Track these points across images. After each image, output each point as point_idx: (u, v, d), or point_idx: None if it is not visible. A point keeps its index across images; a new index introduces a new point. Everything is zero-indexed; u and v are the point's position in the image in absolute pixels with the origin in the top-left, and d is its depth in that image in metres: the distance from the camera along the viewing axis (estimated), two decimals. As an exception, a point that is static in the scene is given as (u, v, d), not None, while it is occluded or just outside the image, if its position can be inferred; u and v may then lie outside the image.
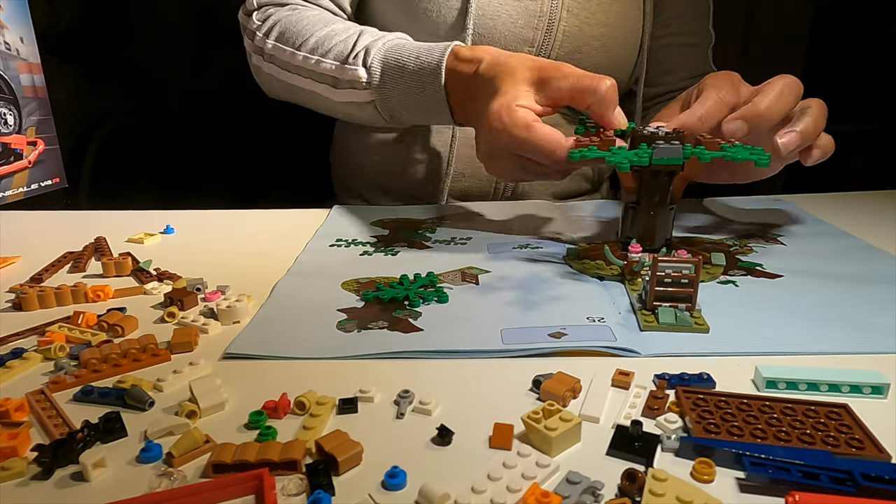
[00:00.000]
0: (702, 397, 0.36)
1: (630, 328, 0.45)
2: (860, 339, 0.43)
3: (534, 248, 0.61)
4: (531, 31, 0.76)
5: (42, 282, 0.55)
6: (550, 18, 0.76)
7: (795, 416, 0.34)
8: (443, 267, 0.56)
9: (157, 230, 0.68)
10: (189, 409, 0.36)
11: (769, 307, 0.48)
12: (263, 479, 0.30)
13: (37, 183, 0.76)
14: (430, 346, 0.43)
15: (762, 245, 0.61)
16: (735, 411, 0.35)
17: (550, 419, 0.33)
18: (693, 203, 0.75)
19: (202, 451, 0.33)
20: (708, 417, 0.34)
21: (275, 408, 0.36)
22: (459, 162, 0.81)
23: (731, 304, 0.49)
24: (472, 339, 0.43)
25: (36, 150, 0.76)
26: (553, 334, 0.43)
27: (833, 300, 0.49)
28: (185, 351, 0.43)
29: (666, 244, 0.55)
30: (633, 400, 0.37)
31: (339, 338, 0.44)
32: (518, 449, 0.33)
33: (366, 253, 0.61)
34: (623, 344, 0.42)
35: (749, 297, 0.50)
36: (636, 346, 0.42)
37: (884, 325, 0.45)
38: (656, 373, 0.39)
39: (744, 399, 0.36)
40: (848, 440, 0.32)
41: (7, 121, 0.73)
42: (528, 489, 0.29)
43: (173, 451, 0.32)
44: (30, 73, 0.75)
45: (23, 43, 0.74)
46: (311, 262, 0.58)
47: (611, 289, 0.51)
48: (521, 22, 0.76)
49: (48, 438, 0.34)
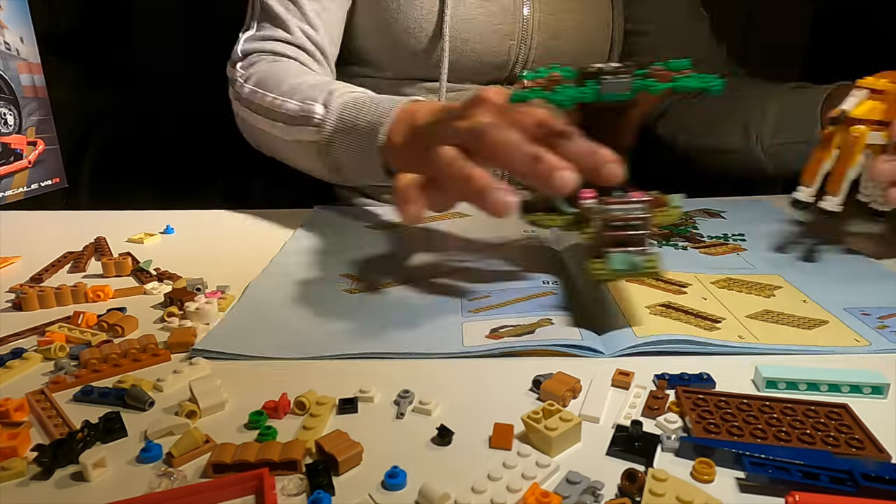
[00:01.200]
0: (702, 397, 0.36)
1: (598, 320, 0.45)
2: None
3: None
4: (509, 26, 0.80)
5: (42, 282, 0.55)
6: (525, 11, 0.80)
7: (795, 416, 0.34)
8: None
9: (158, 230, 0.68)
10: (189, 408, 0.36)
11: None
12: (263, 479, 0.30)
13: (37, 183, 0.76)
14: (387, 348, 0.43)
15: (704, 218, 0.69)
16: (735, 411, 0.35)
17: (550, 419, 0.33)
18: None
19: (202, 451, 0.33)
20: (708, 417, 0.34)
21: (275, 408, 0.36)
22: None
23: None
24: (430, 337, 0.44)
25: (36, 150, 0.76)
26: (499, 329, 0.44)
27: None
28: (184, 351, 0.43)
29: (620, 188, 0.49)
30: (632, 400, 0.37)
31: (303, 338, 0.44)
32: (518, 449, 0.33)
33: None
34: (588, 343, 0.42)
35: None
36: (599, 345, 0.42)
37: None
38: (656, 373, 0.39)
39: (744, 399, 0.36)
40: (848, 440, 0.32)
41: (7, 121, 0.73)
42: (528, 489, 0.29)
43: (173, 451, 0.32)
44: (30, 73, 0.75)
45: (23, 43, 0.74)
46: (286, 263, 0.58)
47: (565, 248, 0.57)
48: (499, 19, 0.79)
49: (48, 438, 0.34)
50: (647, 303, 0.47)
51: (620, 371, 0.39)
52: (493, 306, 0.48)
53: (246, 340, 0.44)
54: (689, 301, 0.48)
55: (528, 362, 0.41)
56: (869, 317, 0.46)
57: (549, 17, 0.81)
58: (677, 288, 0.50)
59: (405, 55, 0.81)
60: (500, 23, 0.79)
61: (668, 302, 0.47)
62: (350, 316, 0.47)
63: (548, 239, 0.62)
